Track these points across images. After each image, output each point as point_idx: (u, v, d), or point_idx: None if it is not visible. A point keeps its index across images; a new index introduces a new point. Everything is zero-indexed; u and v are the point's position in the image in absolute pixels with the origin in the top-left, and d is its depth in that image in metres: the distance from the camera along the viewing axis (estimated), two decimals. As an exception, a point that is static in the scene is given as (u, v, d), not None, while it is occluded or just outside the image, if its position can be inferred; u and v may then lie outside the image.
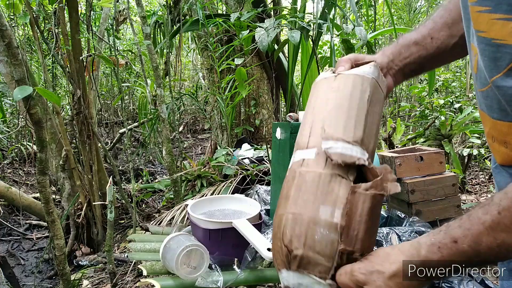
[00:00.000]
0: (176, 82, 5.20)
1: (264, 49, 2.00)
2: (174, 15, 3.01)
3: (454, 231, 0.45)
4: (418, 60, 0.68)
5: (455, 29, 0.67)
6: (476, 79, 0.55)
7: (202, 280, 0.87)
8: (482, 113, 0.57)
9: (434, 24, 0.69)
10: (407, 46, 0.68)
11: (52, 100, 1.70)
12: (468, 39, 0.57)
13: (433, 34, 0.68)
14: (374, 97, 0.59)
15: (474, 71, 0.55)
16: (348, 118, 0.56)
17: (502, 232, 0.41)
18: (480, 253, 0.43)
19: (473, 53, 0.54)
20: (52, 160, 2.79)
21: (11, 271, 2.08)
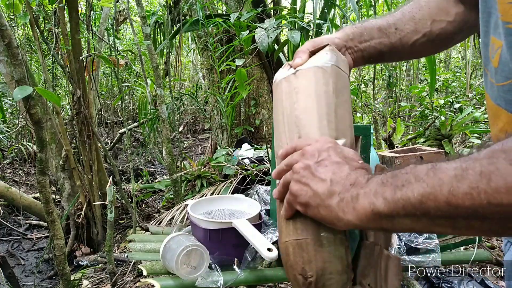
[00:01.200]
0: (176, 82, 5.20)
1: (264, 50, 2.00)
2: (174, 15, 3.01)
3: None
4: (379, 46, 0.67)
5: (421, 26, 0.68)
6: (495, 73, 0.54)
7: (202, 280, 0.87)
8: (497, 108, 0.56)
9: (402, 15, 0.68)
10: (370, 29, 0.67)
11: (52, 100, 1.69)
12: (485, 35, 0.57)
13: (398, 25, 0.67)
14: (339, 85, 0.58)
15: (494, 65, 0.54)
16: (320, 119, 0.55)
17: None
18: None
19: (495, 46, 0.54)
20: (52, 160, 2.79)
21: (11, 271, 2.08)
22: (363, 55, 0.67)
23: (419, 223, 0.40)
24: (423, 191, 0.38)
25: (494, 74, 0.55)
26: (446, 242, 1.14)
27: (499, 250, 2.05)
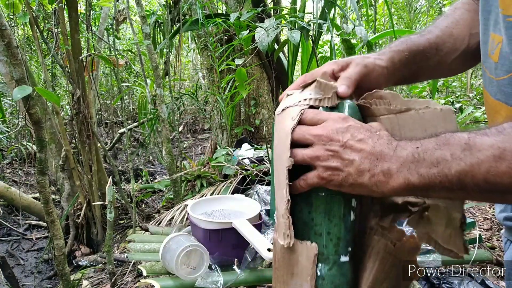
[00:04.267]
0: (176, 82, 5.20)
1: (264, 49, 1.99)
2: (174, 14, 3.01)
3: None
4: (417, 70, 0.65)
5: (459, 43, 0.66)
6: (495, 69, 0.55)
7: (202, 280, 0.87)
8: (497, 104, 0.56)
9: (442, 33, 0.66)
10: (414, 54, 0.63)
11: (51, 100, 1.69)
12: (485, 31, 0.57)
13: (439, 45, 0.65)
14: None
15: (494, 60, 0.55)
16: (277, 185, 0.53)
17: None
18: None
19: (495, 42, 0.54)
20: (52, 160, 2.79)
21: (11, 271, 2.08)
22: (396, 81, 0.64)
23: (454, 194, 0.43)
24: (461, 170, 0.41)
25: (493, 70, 0.55)
26: (446, 242, 1.13)
27: (500, 250, 2.05)
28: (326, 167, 0.47)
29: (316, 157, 0.48)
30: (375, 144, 0.46)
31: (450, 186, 0.42)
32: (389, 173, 0.44)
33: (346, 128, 0.47)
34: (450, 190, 0.42)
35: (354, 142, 0.46)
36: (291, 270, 0.52)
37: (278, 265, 0.54)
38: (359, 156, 0.46)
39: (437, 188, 0.43)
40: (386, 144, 0.46)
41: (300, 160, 0.49)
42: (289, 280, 0.52)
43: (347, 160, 0.46)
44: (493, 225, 2.34)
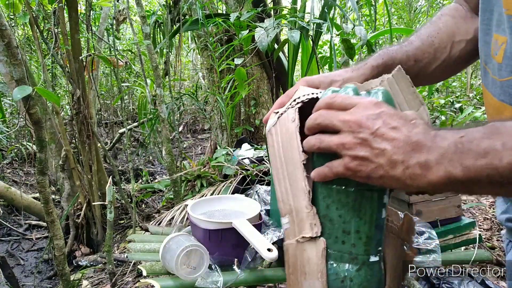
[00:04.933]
0: (176, 82, 5.20)
1: (264, 49, 1.99)
2: (174, 14, 3.01)
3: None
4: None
5: (440, 52, 0.66)
6: (498, 69, 0.54)
7: (202, 280, 0.87)
8: (500, 105, 0.56)
9: (421, 43, 0.66)
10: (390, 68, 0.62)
11: (51, 100, 1.69)
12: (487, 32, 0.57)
13: (418, 56, 0.65)
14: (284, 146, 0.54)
15: (497, 61, 0.54)
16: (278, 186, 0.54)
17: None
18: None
19: (499, 42, 0.53)
20: (52, 160, 2.79)
21: (11, 271, 2.08)
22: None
23: (504, 189, 0.40)
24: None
25: (497, 70, 0.54)
26: (446, 242, 1.14)
27: (500, 250, 2.05)
28: (353, 157, 0.43)
29: (343, 144, 0.44)
30: (410, 133, 0.41)
31: (499, 179, 0.38)
32: (426, 165, 0.40)
33: (378, 115, 0.43)
34: (499, 184, 0.38)
35: (386, 129, 0.42)
36: (303, 270, 0.50)
37: (292, 269, 0.52)
38: (391, 146, 0.41)
39: (484, 183, 0.39)
40: (423, 133, 0.42)
41: (325, 147, 0.45)
42: (303, 281, 0.50)
43: (378, 150, 0.42)
44: (493, 225, 2.34)
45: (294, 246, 0.51)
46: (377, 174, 0.42)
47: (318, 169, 0.47)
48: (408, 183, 0.42)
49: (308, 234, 0.49)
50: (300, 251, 0.50)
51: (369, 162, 0.42)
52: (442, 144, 0.40)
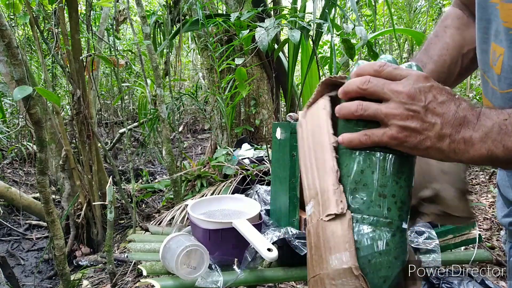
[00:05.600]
0: (176, 82, 5.20)
1: (264, 49, 1.99)
2: (174, 15, 3.01)
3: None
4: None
5: (453, 68, 0.67)
6: (498, 80, 0.54)
7: (202, 280, 0.87)
8: None
9: (435, 66, 0.67)
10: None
11: (52, 100, 1.69)
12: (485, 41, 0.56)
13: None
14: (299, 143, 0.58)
15: (496, 72, 0.54)
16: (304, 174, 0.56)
17: None
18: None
19: (497, 53, 0.53)
20: (52, 160, 2.79)
21: (11, 271, 2.08)
22: None
23: None
24: None
25: (496, 81, 0.54)
26: (446, 242, 1.14)
27: (499, 250, 2.05)
28: (403, 127, 0.43)
29: (393, 115, 0.44)
30: (458, 109, 0.43)
31: None
32: (471, 141, 0.42)
33: (429, 88, 0.44)
34: None
35: (436, 104, 0.43)
36: (328, 245, 0.49)
37: (315, 249, 0.51)
38: (441, 120, 0.43)
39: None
40: (469, 109, 0.43)
41: (370, 115, 0.45)
42: (328, 256, 0.49)
43: (428, 123, 0.43)
44: (493, 225, 2.34)
45: (316, 226, 0.51)
46: (424, 145, 0.44)
47: (351, 136, 0.47)
48: (451, 156, 0.44)
49: (333, 211, 0.48)
50: (323, 228, 0.50)
51: (418, 134, 0.43)
52: (486, 123, 0.42)
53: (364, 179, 0.47)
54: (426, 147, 0.44)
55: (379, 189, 0.47)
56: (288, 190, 1.01)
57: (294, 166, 1.01)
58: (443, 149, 0.43)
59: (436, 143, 0.43)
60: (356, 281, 0.46)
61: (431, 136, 0.43)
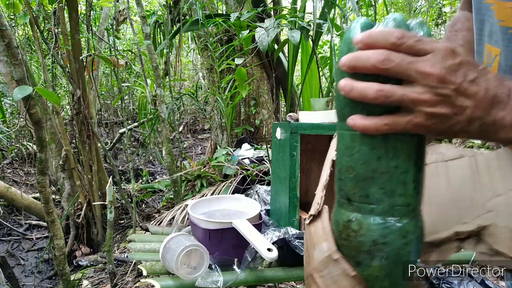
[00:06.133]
0: (176, 82, 5.20)
1: (264, 49, 1.99)
2: (174, 15, 3.01)
3: None
4: None
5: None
6: None
7: (202, 280, 0.87)
8: None
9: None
10: None
11: (52, 100, 1.69)
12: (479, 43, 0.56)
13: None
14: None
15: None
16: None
17: None
18: None
19: (492, 54, 0.52)
20: (52, 160, 2.79)
21: (11, 271, 2.08)
22: None
23: None
24: None
25: None
26: (446, 242, 1.13)
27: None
28: (431, 114, 0.38)
29: (421, 101, 0.38)
30: (488, 86, 0.39)
31: None
32: (502, 124, 0.39)
33: (458, 65, 0.38)
34: None
35: (467, 84, 0.38)
36: (312, 242, 0.50)
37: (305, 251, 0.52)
38: (472, 103, 0.38)
39: None
40: (499, 85, 0.39)
41: (395, 102, 0.39)
42: (313, 252, 0.49)
43: (459, 107, 0.38)
44: (493, 225, 2.34)
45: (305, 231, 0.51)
46: (453, 130, 0.40)
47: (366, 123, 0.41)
48: (479, 137, 0.41)
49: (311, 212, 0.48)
50: (308, 230, 0.51)
51: (447, 120, 0.39)
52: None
53: (382, 166, 0.42)
54: (454, 132, 0.40)
55: (400, 176, 0.42)
56: (288, 190, 1.01)
57: (294, 166, 1.01)
58: (472, 132, 0.40)
59: (465, 127, 0.39)
60: (339, 265, 0.46)
61: (461, 121, 0.39)
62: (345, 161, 0.45)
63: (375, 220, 0.43)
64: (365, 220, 0.43)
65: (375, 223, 0.43)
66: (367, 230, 0.43)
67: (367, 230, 0.43)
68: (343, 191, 0.45)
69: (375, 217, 0.43)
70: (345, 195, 0.45)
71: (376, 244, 0.43)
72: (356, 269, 0.45)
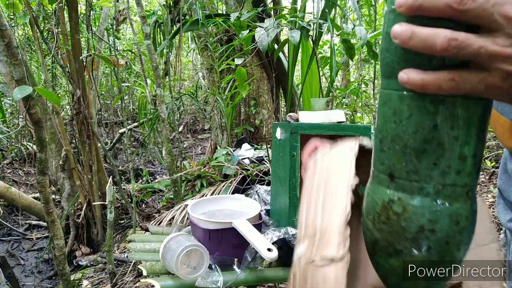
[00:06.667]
0: (176, 82, 5.20)
1: (264, 49, 1.99)
2: (174, 15, 3.01)
3: None
4: None
5: None
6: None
7: (202, 280, 0.87)
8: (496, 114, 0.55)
9: None
10: None
11: (51, 100, 1.69)
12: None
13: None
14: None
15: None
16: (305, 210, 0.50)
17: None
18: None
19: None
20: (52, 160, 2.79)
21: (11, 271, 2.08)
22: None
23: None
24: None
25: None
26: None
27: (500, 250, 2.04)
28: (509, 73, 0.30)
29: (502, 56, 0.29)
30: None
31: None
32: None
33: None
34: None
35: None
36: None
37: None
38: None
39: None
40: None
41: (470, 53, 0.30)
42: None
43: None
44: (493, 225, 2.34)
45: (304, 269, 0.42)
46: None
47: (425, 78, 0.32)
48: None
49: (333, 254, 0.39)
50: (313, 272, 0.41)
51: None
52: None
53: (439, 136, 0.34)
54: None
55: (460, 149, 0.35)
56: (288, 190, 1.01)
57: (294, 166, 1.01)
58: None
59: None
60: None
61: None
62: (390, 128, 0.36)
63: (423, 202, 0.36)
64: (411, 201, 0.36)
65: (423, 205, 0.36)
66: (413, 213, 0.36)
67: (412, 214, 0.36)
68: (384, 165, 0.38)
69: (424, 198, 0.36)
70: (388, 170, 0.38)
71: (423, 231, 0.36)
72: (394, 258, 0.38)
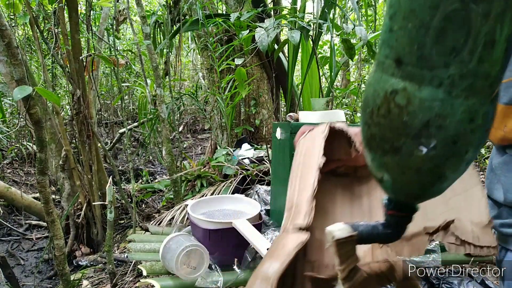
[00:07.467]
0: (176, 82, 5.20)
1: (264, 49, 1.99)
2: (174, 15, 3.01)
3: None
4: None
5: None
6: None
7: (202, 280, 0.87)
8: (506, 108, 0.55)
9: None
10: None
11: (51, 100, 1.69)
12: None
13: None
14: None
15: None
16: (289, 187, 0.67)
17: None
18: None
19: None
20: (52, 160, 2.79)
21: (11, 271, 2.08)
22: None
23: None
24: None
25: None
26: (446, 242, 1.13)
27: (499, 250, 2.04)
28: None
29: None
30: None
31: None
32: None
33: None
34: None
35: None
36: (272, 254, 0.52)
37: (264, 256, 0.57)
38: None
39: None
40: None
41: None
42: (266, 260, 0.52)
43: None
44: (493, 225, 2.33)
45: (280, 236, 0.53)
46: None
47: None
48: None
49: (300, 222, 0.49)
50: (280, 239, 0.52)
51: None
52: None
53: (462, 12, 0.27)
54: None
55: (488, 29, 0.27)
56: (288, 190, 1.01)
57: (294, 166, 1.01)
58: None
59: None
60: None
61: None
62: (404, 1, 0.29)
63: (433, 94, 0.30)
64: (419, 92, 0.30)
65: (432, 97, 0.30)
66: (419, 106, 0.30)
67: (418, 107, 0.30)
68: (391, 49, 0.31)
69: (435, 89, 0.29)
70: (395, 54, 0.31)
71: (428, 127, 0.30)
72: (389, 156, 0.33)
